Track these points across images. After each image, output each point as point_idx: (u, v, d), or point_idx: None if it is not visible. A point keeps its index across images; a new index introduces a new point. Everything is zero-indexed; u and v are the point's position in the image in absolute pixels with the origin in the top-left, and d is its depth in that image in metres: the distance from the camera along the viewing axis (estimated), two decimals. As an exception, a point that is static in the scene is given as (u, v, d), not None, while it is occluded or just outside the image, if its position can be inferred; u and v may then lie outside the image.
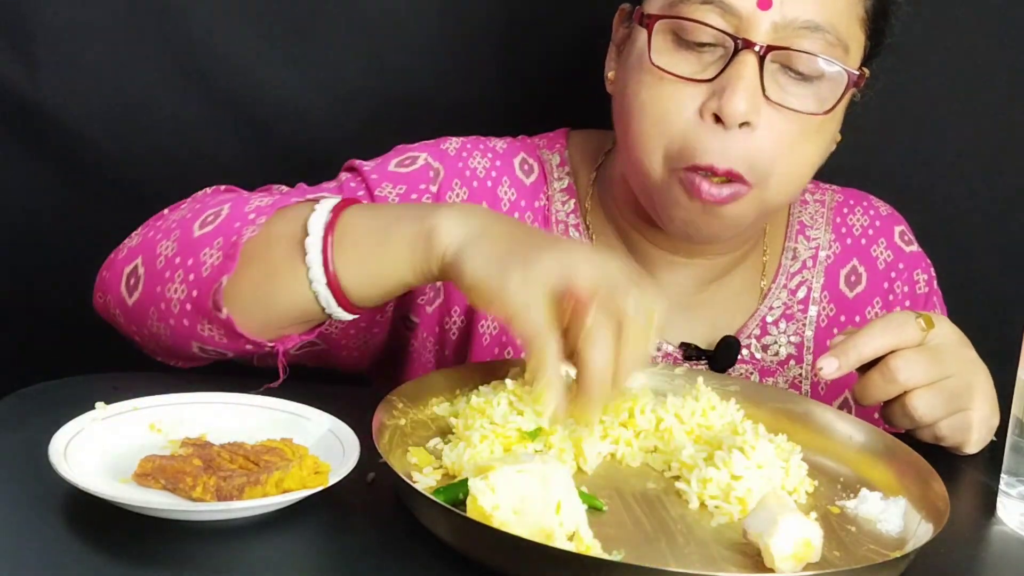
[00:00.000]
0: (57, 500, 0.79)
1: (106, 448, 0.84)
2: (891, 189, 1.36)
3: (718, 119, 1.03)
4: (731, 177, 1.05)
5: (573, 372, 0.88)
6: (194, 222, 1.00)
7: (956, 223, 1.52)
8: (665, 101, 1.06)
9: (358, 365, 1.19)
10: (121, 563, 0.74)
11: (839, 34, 1.05)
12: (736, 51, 1.03)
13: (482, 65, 1.45)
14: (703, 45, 1.05)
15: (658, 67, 1.05)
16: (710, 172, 1.05)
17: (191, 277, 0.97)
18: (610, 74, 1.16)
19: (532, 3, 1.44)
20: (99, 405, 0.87)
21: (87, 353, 1.21)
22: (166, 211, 1.08)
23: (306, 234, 0.95)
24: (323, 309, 0.96)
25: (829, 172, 1.27)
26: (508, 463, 0.79)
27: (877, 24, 1.10)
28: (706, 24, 1.04)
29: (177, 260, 0.98)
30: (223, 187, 1.11)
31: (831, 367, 0.97)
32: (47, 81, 1.37)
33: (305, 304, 0.96)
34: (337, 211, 0.96)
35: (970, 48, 1.48)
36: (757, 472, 0.88)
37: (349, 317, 0.98)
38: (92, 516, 0.77)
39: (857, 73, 1.07)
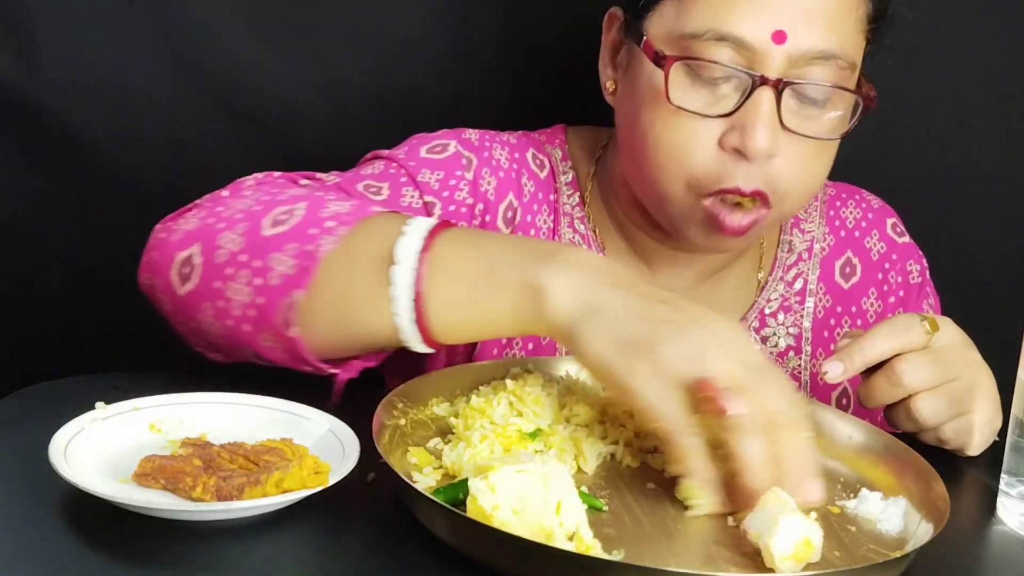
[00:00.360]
0: (57, 500, 0.79)
1: (106, 448, 0.84)
2: (891, 188, 1.36)
3: (738, 152, 1.04)
4: (757, 196, 1.06)
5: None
6: (263, 217, 0.93)
7: (956, 223, 1.52)
8: (684, 135, 1.06)
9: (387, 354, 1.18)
10: (121, 563, 0.74)
11: (848, 56, 1.05)
12: (754, 86, 1.03)
13: (479, 62, 1.45)
14: (718, 79, 1.05)
15: (677, 106, 1.05)
16: (736, 193, 1.06)
17: (258, 282, 0.90)
18: (608, 84, 1.16)
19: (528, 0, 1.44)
20: (99, 405, 0.87)
21: (87, 353, 1.21)
22: (224, 193, 1.02)
23: (393, 261, 0.88)
24: (403, 341, 0.90)
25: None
26: (508, 463, 0.79)
27: (875, 27, 1.10)
28: (726, 66, 1.03)
29: (242, 258, 0.91)
30: (277, 174, 1.06)
31: (836, 371, 0.97)
32: (47, 81, 1.37)
33: (384, 334, 0.90)
34: (431, 236, 0.89)
35: (970, 47, 1.48)
36: None
37: (429, 350, 0.92)
38: (92, 516, 0.77)
39: (872, 94, 1.07)
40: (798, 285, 1.26)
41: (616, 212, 1.22)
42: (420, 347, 0.91)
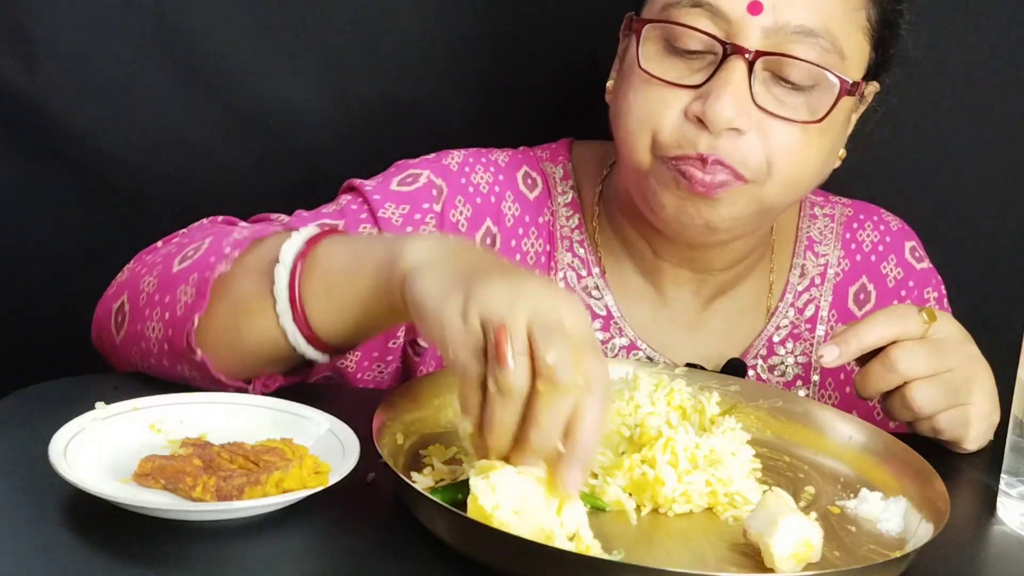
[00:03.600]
0: (57, 500, 0.79)
1: (106, 448, 0.84)
2: (891, 188, 1.36)
3: (702, 122, 1.02)
4: (720, 167, 1.03)
5: None
6: (175, 257, 0.98)
7: (956, 223, 1.51)
8: (652, 102, 1.05)
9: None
10: (121, 563, 0.74)
11: (835, 40, 1.03)
12: (725, 56, 1.02)
13: (484, 70, 1.44)
14: (693, 52, 1.04)
15: (646, 71, 1.04)
16: (699, 162, 1.03)
17: (167, 316, 0.95)
18: (609, 83, 1.14)
19: (536, 9, 1.44)
20: (99, 405, 0.87)
21: (87, 353, 1.21)
22: (159, 244, 1.05)
23: (276, 263, 0.91)
24: (294, 348, 0.92)
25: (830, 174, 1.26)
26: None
27: (881, 34, 1.09)
28: (696, 29, 1.02)
29: (156, 297, 0.96)
30: (220, 218, 1.08)
31: (832, 355, 0.97)
32: (47, 81, 1.37)
33: (275, 341, 0.92)
34: (312, 242, 0.92)
35: (971, 46, 1.48)
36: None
37: (321, 357, 0.94)
38: (92, 516, 0.77)
39: (851, 81, 1.04)
40: (809, 312, 1.22)
41: (623, 230, 1.19)
42: (310, 350, 0.93)
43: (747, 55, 1.01)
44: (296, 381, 0.98)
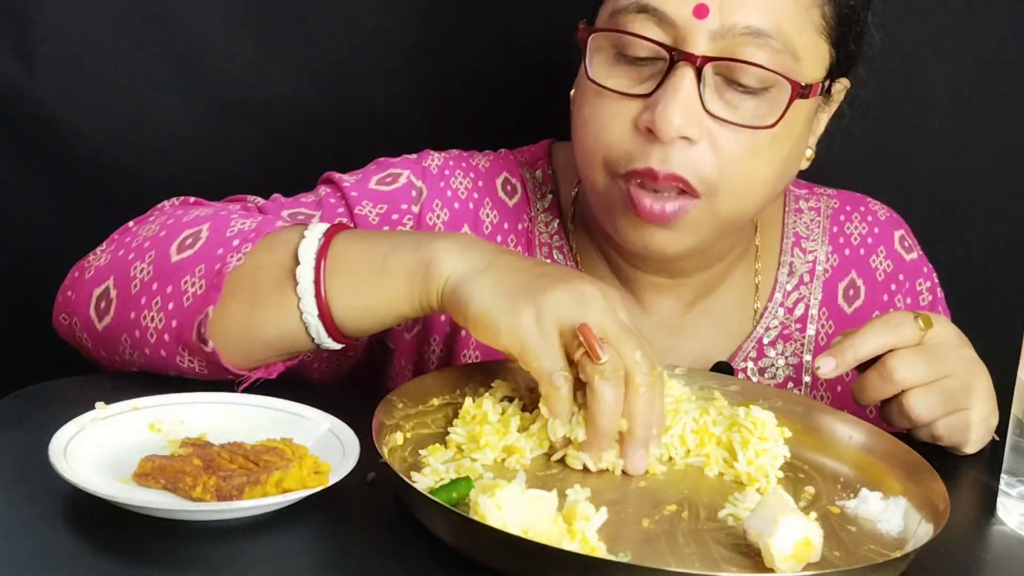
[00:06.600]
0: (57, 500, 0.79)
1: (106, 448, 0.84)
2: (891, 188, 1.35)
3: (651, 132, 0.99)
4: (674, 182, 1.00)
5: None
6: (170, 244, 0.97)
7: (956, 222, 1.52)
8: (603, 115, 1.02)
9: (324, 381, 1.14)
10: (121, 563, 0.74)
11: (786, 41, 1.00)
12: (672, 63, 0.99)
13: (477, 70, 1.45)
14: (643, 59, 1.01)
15: (594, 81, 1.02)
16: (650, 178, 1.00)
17: (170, 306, 0.94)
18: (572, 92, 1.10)
19: (527, 7, 1.44)
20: (99, 405, 0.87)
21: (87, 353, 1.21)
22: (131, 225, 1.04)
23: (296, 262, 0.93)
24: (312, 339, 0.95)
25: (829, 172, 1.26)
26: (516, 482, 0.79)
27: (840, 31, 1.05)
28: (642, 37, 1.00)
29: (155, 286, 0.95)
30: (192, 199, 1.07)
31: (828, 366, 0.97)
32: (46, 81, 1.37)
33: (293, 335, 0.94)
34: (328, 237, 0.94)
35: (970, 46, 1.48)
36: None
37: (338, 346, 0.96)
38: (92, 516, 0.77)
39: (804, 84, 1.01)
40: (799, 311, 1.20)
41: (597, 236, 1.17)
42: (329, 342, 0.95)
43: (695, 61, 0.99)
44: (291, 365, 0.99)
